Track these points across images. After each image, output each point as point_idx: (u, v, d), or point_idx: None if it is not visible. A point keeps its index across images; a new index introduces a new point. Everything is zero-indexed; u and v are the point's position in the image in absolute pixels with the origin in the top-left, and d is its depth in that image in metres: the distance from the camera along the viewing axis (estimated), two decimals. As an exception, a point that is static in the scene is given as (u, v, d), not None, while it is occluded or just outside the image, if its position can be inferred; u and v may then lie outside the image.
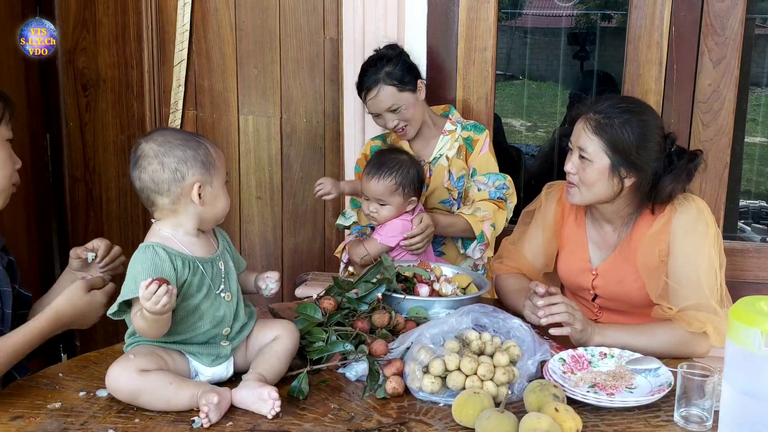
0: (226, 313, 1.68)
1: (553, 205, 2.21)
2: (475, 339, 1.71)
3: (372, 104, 2.46)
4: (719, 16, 2.67)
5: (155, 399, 1.57)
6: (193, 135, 1.68)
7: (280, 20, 2.99)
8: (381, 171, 2.31)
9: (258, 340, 1.74)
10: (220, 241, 1.75)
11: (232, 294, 1.70)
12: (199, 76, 3.08)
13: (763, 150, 3.97)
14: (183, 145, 1.63)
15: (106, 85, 3.13)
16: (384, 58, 2.47)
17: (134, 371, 1.56)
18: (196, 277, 1.64)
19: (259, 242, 3.19)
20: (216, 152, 1.68)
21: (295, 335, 1.75)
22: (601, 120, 1.94)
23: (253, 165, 3.12)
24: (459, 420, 1.55)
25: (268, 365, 1.68)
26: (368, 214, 2.37)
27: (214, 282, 1.67)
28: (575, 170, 1.99)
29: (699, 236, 1.97)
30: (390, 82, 2.43)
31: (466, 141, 2.56)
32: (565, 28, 3.94)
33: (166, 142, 1.63)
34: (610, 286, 2.10)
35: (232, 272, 1.72)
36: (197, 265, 1.64)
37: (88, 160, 3.22)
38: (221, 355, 1.69)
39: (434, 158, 2.56)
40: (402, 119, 2.47)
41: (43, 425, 1.53)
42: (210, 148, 1.67)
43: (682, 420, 1.57)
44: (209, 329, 1.67)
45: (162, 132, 1.67)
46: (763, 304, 1.35)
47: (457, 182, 2.55)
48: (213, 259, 1.68)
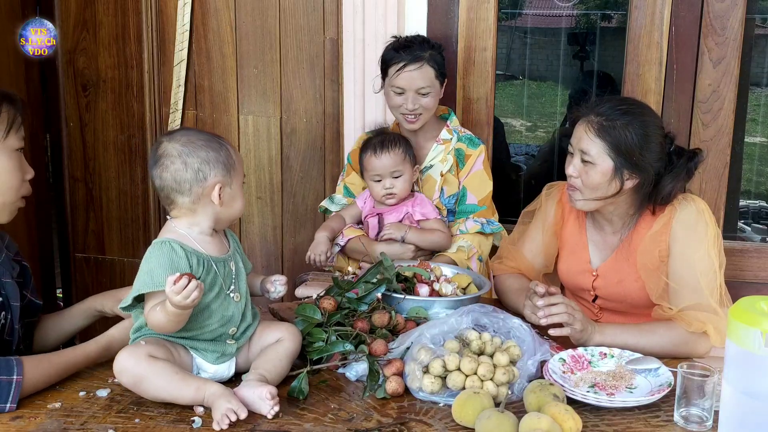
0: (234, 313, 1.69)
1: (553, 206, 2.21)
2: (475, 339, 1.71)
3: (407, 77, 2.40)
4: (719, 16, 2.67)
5: (159, 387, 1.57)
6: (215, 136, 1.70)
7: (280, 20, 2.99)
8: (385, 145, 2.39)
9: (261, 341, 1.75)
10: (231, 241, 1.77)
11: (241, 294, 1.72)
12: (199, 76, 3.08)
13: (763, 150, 3.97)
14: (206, 146, 1.65)
15: (106, 85, 3.13)
16: (427, 42, 2.46)
17: (143, 355, 1.57)
18: (210, 276, 1.66)
19: (259, 242, 3.19)
20: (236, 154, 1.71)
21: (298, 338, 1.76)
22: (603, 122, 1.94)
23: (253, 165, 3.12)
24: (459, 420, 1.55)
25: (270, 365, 1.68)
26: (386, 193, 2.40)
27: (225, 282, 1.69)
28: (577, 173, 1.99)
29: (699, 236, 1.97)
30: (432, 65, 2.42)
31: (458, 153, 2.52)
32: (565, 28, 3.94)
33: (189, 142, 1.65)
34: (611, 287, 2.10)
35: (241, 273, 1.74)
36: (211, 264, 1.66)
37: (88, 160, 3.22)
38: (226, 353, 1.70)
39: (425, 167, 2.53)
40: (423, 106, 2.43)
41: (43, 425, 1.53)
42: (231, 150, 1.70)
43: (682, 420, 1.57)
44: (217, 327, 1.68)
45: (185, 132, 1.69)
46: (763, 304, 1.35)
47: (447, 200, 2.53)
48: (225, 259, 1.71)
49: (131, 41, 3.07)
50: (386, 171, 2.40)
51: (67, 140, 3.22)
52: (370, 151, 2.41)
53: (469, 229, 2.46)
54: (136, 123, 3.13)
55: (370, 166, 2.41)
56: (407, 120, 2.46)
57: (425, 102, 2.43)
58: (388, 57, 2.46)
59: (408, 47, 2.43)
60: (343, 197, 2.59)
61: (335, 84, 2.97)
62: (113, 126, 3.17)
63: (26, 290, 1.85)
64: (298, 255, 3.16)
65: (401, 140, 2.44)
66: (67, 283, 3.35)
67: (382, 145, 2.40)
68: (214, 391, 1.56)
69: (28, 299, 1.85)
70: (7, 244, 1.85)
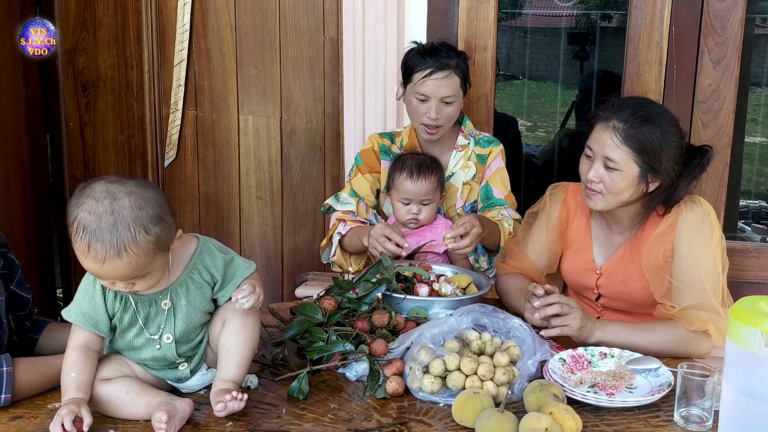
0: (167, 354, 1.61)
1: (557, 207, 2.21)
2: (475, 339, 1.71)
3: (433, 84, 2.32)
4: (719, 16, 2.67)
5: (112, 408, 1.57)
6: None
7: (280, 20, 2.99)
8: (422, 171, 2.31)
9: (213, 335, 1.66)
10: (188, 269, 1.61)
11: (173, 335, 1.61)
12: (199, 76, 3.08)
13: (763, 150, 3.97)
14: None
15: (106, 85, 3.13)
16: (453, 49, 2.40)
17: (95, 380, 1.57)
18: (128, 314, 1.59)
19: (259, 242, 3.19)
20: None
21: (249, 321, 1.63)
22: (629, 129, 1.92)
23: (253, 165, 3.12)
24: (459, 420, 1.55)
25: (223, 365, 1.62)
26: (411, 217, 2.33)
27: (148, 322, 1.60)
28: (599, 179, 1.97)
29: (704, 238, 1.97)
30: (459, 74, 2.35)
31: (479, 159, 2.47)
32: (565, 28, 3.94)
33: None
34: (614, 286, 2.10)
35: (182, 310, 1.61)
36: (129, 302, 1.58)
37: (88, 160, 3.21)
38: (182, 377, 1.66)
39: (447, 175, 2.46)
40: (445, 116, 2.36)
41: (43, 425, 1.53)
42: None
43: (682, 420, 1.57)
44: (154, 363, 1.64)
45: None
46: (763, 304, 1.35)
47: (468, 207, 2.48)
48: (154, 298, 1.59)
49: (131, 41, 3.07)
50: (417, 197, 2.32)
51: (67, 140, 3.21)
52: (407, 173, 2.32)
53: (511, 215, 2.41)
54: (136, 123, 3.13)
55: (403, 189, 2.33)
56: (427, 131, 2.38)
57: (448, 111, 2.35)
58: (414, 62, 2.37)
59: (434, 54, 2.35)
60: (349, 196, 2.49)
61: (335, 84, 2.97)
62: (113, 126, 3.16)
63: (11, 283, 1.83)
64: (298, 255, 3.16)
65: (436, 166, 2.36)
66: (67, 283, 3.35)
67: (419, 171, 2.31)
68: (157, 404, 1.53)
69: (13, 292, 1.84)
70: None
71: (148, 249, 1.46)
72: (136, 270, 1.47)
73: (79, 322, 1.57)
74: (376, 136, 2.55)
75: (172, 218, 1.52)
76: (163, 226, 1.48)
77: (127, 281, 1.50)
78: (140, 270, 1.48)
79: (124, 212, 1.44)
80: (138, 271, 1.48)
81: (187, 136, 3.13)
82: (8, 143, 2.94)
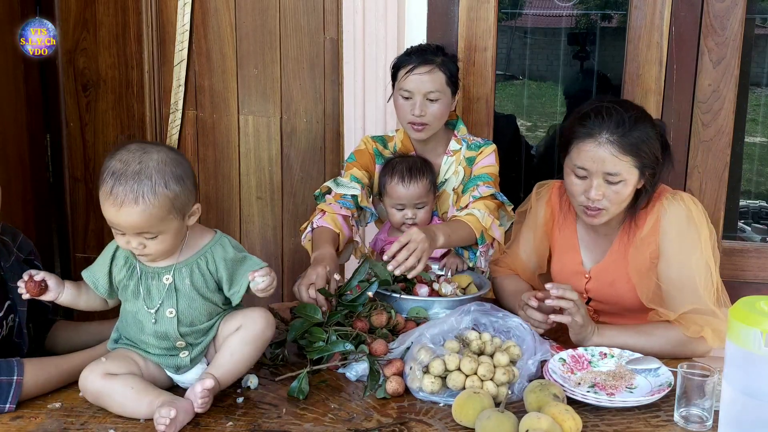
0: (168, 330, 1.64)
1: (543, 206, 2.19)
2: (475, 339, 1.71)
3: (415, 80, 2.27)
4: (719, 16, 2.67)
5: (116, 404, 1.57)
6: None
7: (280, 20, 2.99)
8: (413, 174, 2.27)
9: (223, 334, 1.68)
10: (198, 254, 1.65)
11: (176, 311, 1.63)
12: (199, 76, 3.08)
13: (763, 150, 3.97)
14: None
15: (106, 85, 3.13)
16: (442, 50, 2.36)
17: (100, 374, 1.58)
18: (132, 282, 1.65)
19: (259, 242, 3.19)
20: None
21: (260, 323, 1.67)
22: (623, 138, 1.89)
23: (253, 165, 3.12)
24: (459, 420, 1.55)
25: (221, 359, 1.64)
26: (405, 222, 2.29)
27: (148, 294, 1.64)
28: (602, 196, 1.92)
29: (692, 238, 1.95)
30: (444, 71, 2.30)
31: (468, 161, 2.40)
32: (565, 28, 3.94)
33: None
34: (603, 289, 2.09)
35: (186, 289, 1.64)
36: (135, 270, 1.64)
37: (88, 160, 3.21)
38: (182, 365, 1.67)
39: (440, 182, 2.41)
40: (431, 114, 2.29)
41: (43, 425, 1.53)
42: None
43: (682, 420, 1.57)
44: (156, 343, 1.65)
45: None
46: (763, 304, 1.35)
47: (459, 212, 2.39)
48: (159, 271, 1.64)
49: (131, 41, 3.07)
50: (411, 202, 2.29)
51: (67, 140, 3.21)
52: (397, 178, 2.27)
53: (483, 193, 2.30)
54: (136, 123, 3.13)
55: (395, 194, 2.29)
56: (414, 128, 2.30)
57: (434, 109, 2.29)
58: (399, 61, 2.35)
59: (421, 52, 2.33)
60: (351, 181, 2.37)
61: (335, 84, 2.97)
62: (113, 126, 3.16)
63: None
64: (298, 255, 3.16)
65: (427, 167, 2.32)
66: (67, 283, 3.34)
67: (410, 174, 2.27)
68: (160, 402, 1.54)
69: (35, 300, 1.84)
70: (20, 244, 1.85)
71: (164, 203, 1.53)
72: (149, 223, 1.54)
73: (84, 275, 1.69)
74: (368, 140, 2.48)
75: (193, 186, 1.60)
76: (183, 187, 1.56)
77: (140, 239, 1.56)
78: (153, 225, 1.54)
79: (151, 164, 1.54)
80: (151, 226, 1.54)
81: (187, 136, 3.13)
82: (8, 143, 2.94)
